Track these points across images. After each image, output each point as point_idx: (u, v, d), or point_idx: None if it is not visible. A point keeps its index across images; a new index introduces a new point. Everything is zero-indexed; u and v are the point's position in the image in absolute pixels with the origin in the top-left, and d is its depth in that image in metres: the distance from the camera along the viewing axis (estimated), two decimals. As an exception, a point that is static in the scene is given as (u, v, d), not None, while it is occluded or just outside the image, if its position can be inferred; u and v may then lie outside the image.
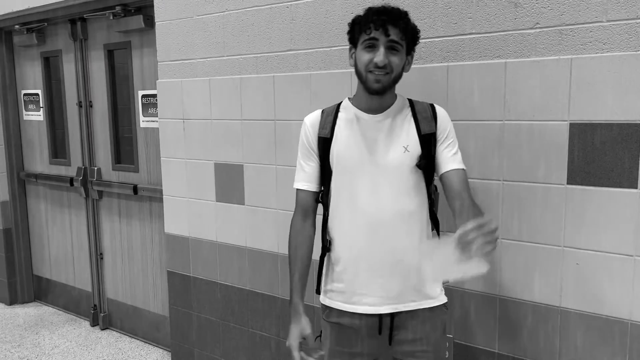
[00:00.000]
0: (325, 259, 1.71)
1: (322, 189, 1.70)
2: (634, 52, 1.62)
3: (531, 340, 1.88)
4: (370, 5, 2.06)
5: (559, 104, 1.75)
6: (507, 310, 1.91)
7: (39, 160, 3.98)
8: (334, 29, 2.20)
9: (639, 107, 1.63)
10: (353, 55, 1.60)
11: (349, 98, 1.69)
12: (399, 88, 1.63)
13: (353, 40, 1.60)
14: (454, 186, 1.58)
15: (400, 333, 1.63)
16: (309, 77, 2.29)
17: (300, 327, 1.64)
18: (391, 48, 1.52)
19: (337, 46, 2.20)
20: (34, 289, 4.22)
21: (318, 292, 1.74)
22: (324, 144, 1.65)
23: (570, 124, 1.73)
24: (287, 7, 2.31)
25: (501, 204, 1.88)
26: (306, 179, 1.70)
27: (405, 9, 1.56)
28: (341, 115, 1.66)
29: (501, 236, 1.89)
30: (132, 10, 3.09)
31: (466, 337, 2.01)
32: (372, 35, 1.51)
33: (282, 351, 2.55)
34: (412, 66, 1.64)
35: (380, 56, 1.50)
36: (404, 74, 1.60)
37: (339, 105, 1.69)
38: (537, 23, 1.77)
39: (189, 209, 2.81)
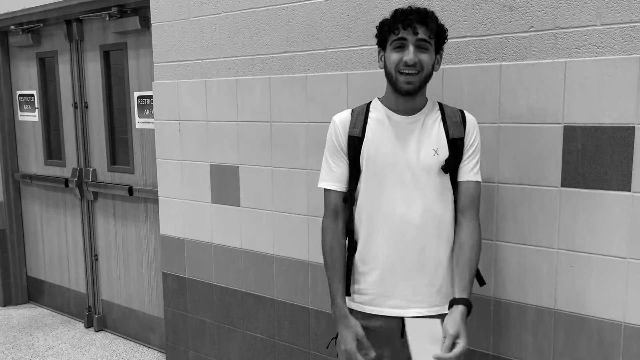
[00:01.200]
0: (351, 260, 1.69)
1: (349, 188, 1.68)
2: (628, 56, 1.63)
3: (525, 342, 1.89)
4: (367, 7, 2.08)
5: (553, 106, 1.75)
6: (500, 312, 1.92)
7: (33, 161, 3.96)
8: (330, 31, 2.20)
9: (633, 110, 1.64)
10: (382, 58, 1.61)
11: (378, 98, 1.69)
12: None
13: (382, 43, 1.60)
14: (463, 200, 1.62)
15: None
16: (305, 79, 2.29)
17: (353, 329, 1.62)
18: (420, 47, 1.53)
19: (333, 48, 2.20)
20: (28, 290, 4.20)
21: (348, 293, 1.69)
22: (355, 144, 1.63)
23: (565, 127, 1.74)
24: (283, 9, 2.32)
25: (496, 206, 1.89)
26: (335, 178, 1.67)
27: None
28: (372, 114, 1.65)
29: (495, 238, 1.90)
30: (128, 12, 3.09)
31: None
32: (400, 35, 1.52)
33: (278, 353, 2.55)
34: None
35: (410, 55, 1.51)
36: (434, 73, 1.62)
37: (368, 104, 1.68)
38: (532, 26, 1.78)
39: (185, 211, 2.80)
